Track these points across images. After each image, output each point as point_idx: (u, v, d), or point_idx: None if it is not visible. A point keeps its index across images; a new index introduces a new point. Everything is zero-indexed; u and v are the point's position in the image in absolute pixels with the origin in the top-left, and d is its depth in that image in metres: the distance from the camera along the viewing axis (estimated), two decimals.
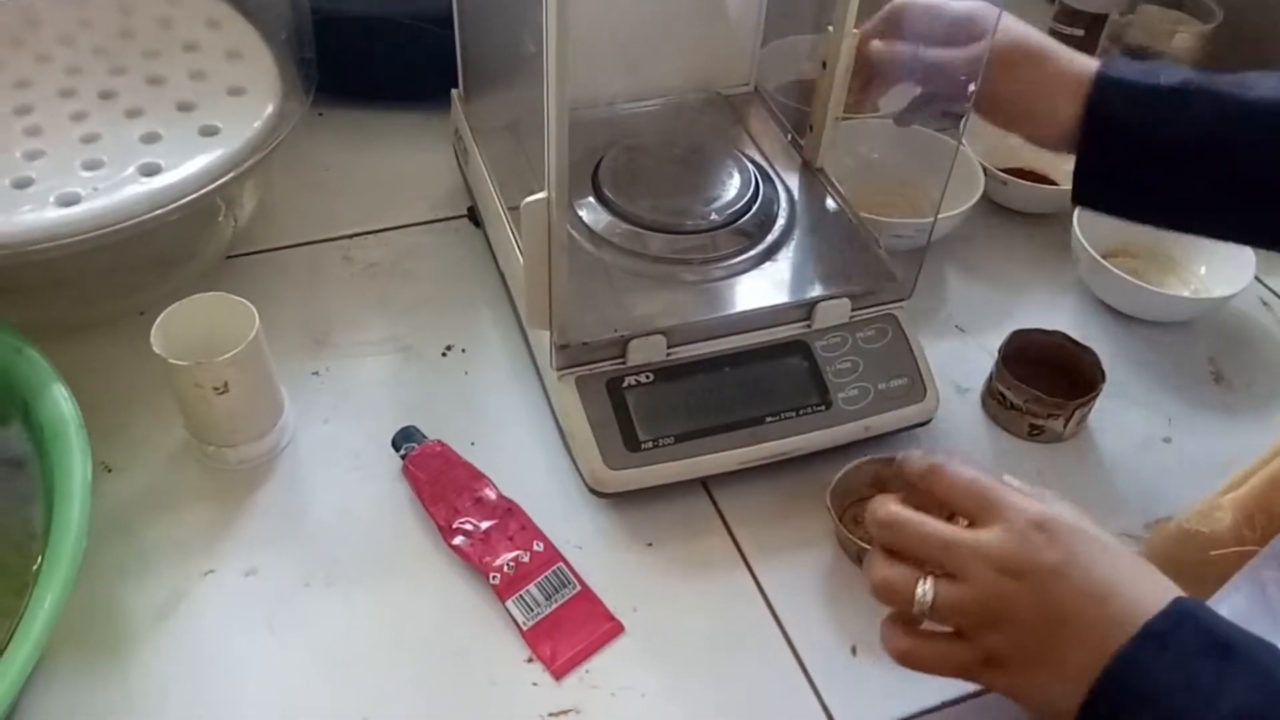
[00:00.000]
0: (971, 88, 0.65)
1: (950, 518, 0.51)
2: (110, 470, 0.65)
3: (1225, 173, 0.61)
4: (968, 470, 0.51)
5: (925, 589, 0.48)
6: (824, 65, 0.71)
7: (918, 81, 0.73)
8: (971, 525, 0.49)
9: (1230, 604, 0.52)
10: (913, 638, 0.50)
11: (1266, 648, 0.44)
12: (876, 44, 0.71)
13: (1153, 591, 0.46)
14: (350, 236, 0.82)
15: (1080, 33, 1.02)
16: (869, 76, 0.72)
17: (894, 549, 0.50)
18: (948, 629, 0.49)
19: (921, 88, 0.74)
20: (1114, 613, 0.46)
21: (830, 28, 0.70)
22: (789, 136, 0.79)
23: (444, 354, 0.74)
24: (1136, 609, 0.45)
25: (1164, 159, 0.62)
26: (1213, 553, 0.56)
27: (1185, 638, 0.45)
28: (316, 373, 0.72)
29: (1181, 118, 0.61)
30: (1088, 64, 0.64)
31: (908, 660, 0.50)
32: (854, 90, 0.73)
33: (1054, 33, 1.04)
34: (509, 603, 0.59)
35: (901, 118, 0.77)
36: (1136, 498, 0.68)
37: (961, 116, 0.75)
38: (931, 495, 0.51)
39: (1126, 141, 0.63)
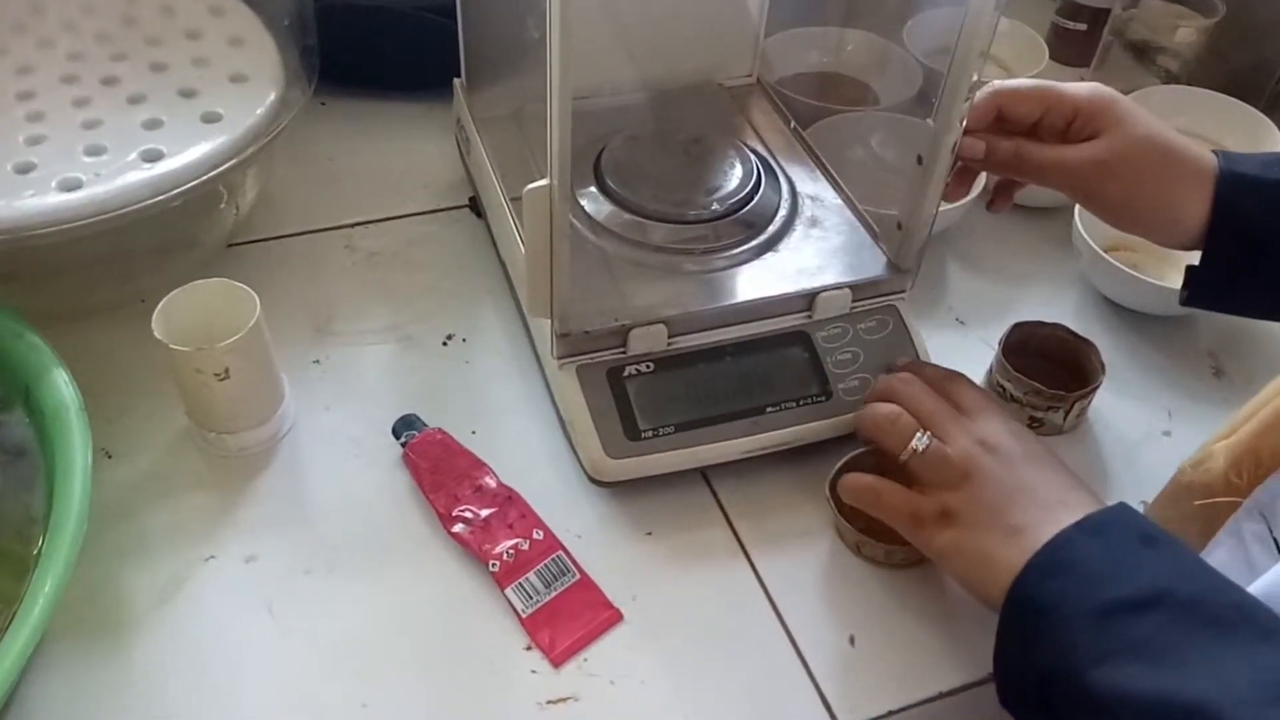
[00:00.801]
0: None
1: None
2: (111, 456, 0.65)
3: None
4: (981, 390, 0.62)
5: (921, 438, 0.58)
6: (919, 160, 0.64)
7: (1019, 176, 0.67)
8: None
9: (1214, 559, 0.53)
10: (886, 482, 0.59)
11: (1190, 549, 0.51)
12: (970, 141, 0.64)
13: (1096, 501, 0.54)
14: (352, 225, 0.82)
15: (1083, 27, 1.02)
16: (962, 170, 0.68)
17: (901, 400, 0.61)
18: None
19: (1024, 181, 0.68)
20: (1059, 499, 0.54)
21: (931, 121, 0.63)
22: (791, 125, 0.79)
23: (445, 343, 0.74)
24: (1081, 505, 0.53)
25: None
26: (1197, 502, 0.57)
27: (1120, 528, 0.51)
28: (317, 361, 0.72)
29: None
30: (1208, 160, 0.61)
31: (870, 494, 0.60)
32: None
33: (1056, 26, 1.04)
34: (508, 590, 0.59)
35: (995, 206, 0.71)
36: (1135, 491, 0.68)
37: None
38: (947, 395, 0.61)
39: (1254, 240, 0.60)
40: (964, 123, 0.61)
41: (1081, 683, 0.46)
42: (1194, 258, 0.63)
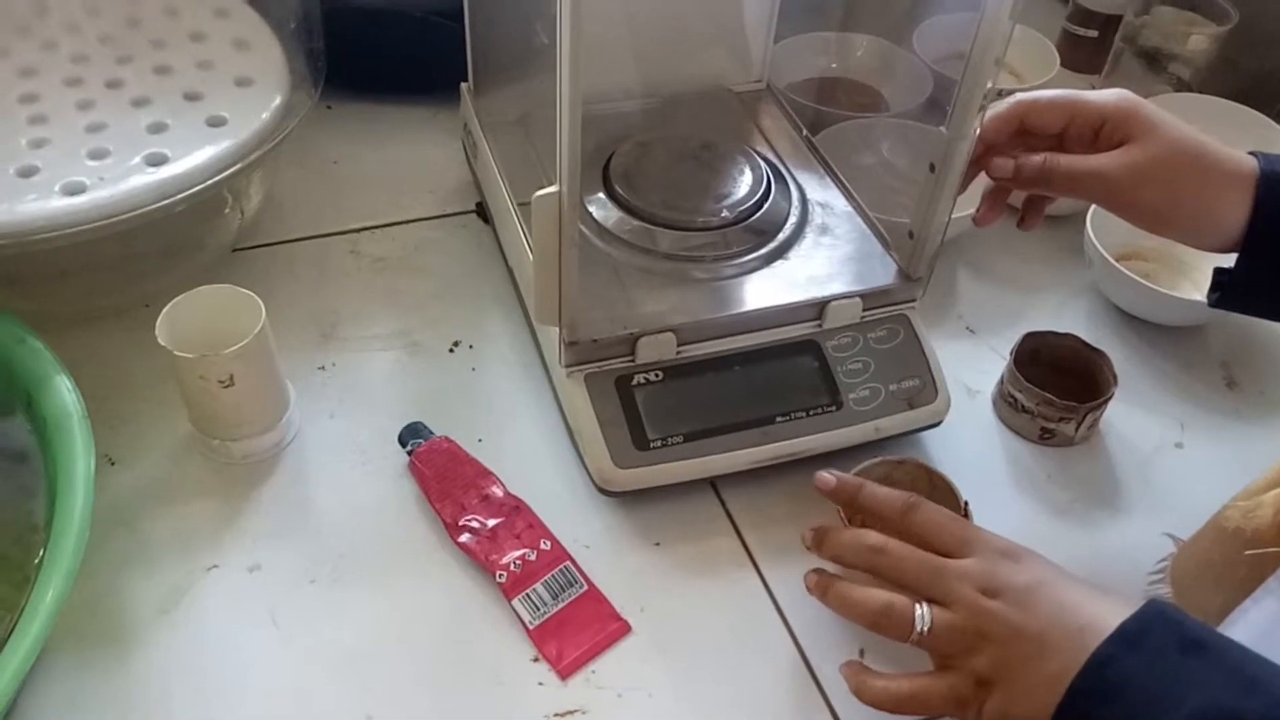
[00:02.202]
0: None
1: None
2: (114, 463, 0.65)
3: None
4: (938, 508, 0.56)
5: (923, 613, 0.52)
6: (931, 169, 0.63)
7: (1049, 190, 0.64)
8: (947, 557, 0.54)
9: (1261, 608, 0.52)
10: (907, 679, 0.53)
11: (1236, 645, 0.47)
12: (1000, 161, 0.62)
13: (1117, 605, 0.49)
14: (358, 230, 0.82)
15: (1094, 34, 1.02)
16: (995, 190, 0.67)
17: (881, 573, 0.54)
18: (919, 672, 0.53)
19: (1049, 194, 0.66)
20: (1086, 620, 0.49)
21: (944, 129, 0.62)
22: (803, 134, 0.78)
23: (451, 349, 0.73)
24: (1108, 616, 0.48)
25: None
26: (1247, 552, 0.55)
27: (1157, 635, 0.47)
28: (323, 367, 0.71)
29: None
30: (1247, 161, 0.60)
31: (913, 702, 0.52)
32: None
33: (1067, 33, 1.03)
34: (515, 601, 0.58)
35: (985, 219, 0.68)
36: (1147, 503, 0.67)
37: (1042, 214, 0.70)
38: (910, 529, 0.55)
39: None
40: (978, 131, 0.60)
41: None
42: (1217, 259, 0.62)
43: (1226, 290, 0.62)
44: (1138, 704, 0.46)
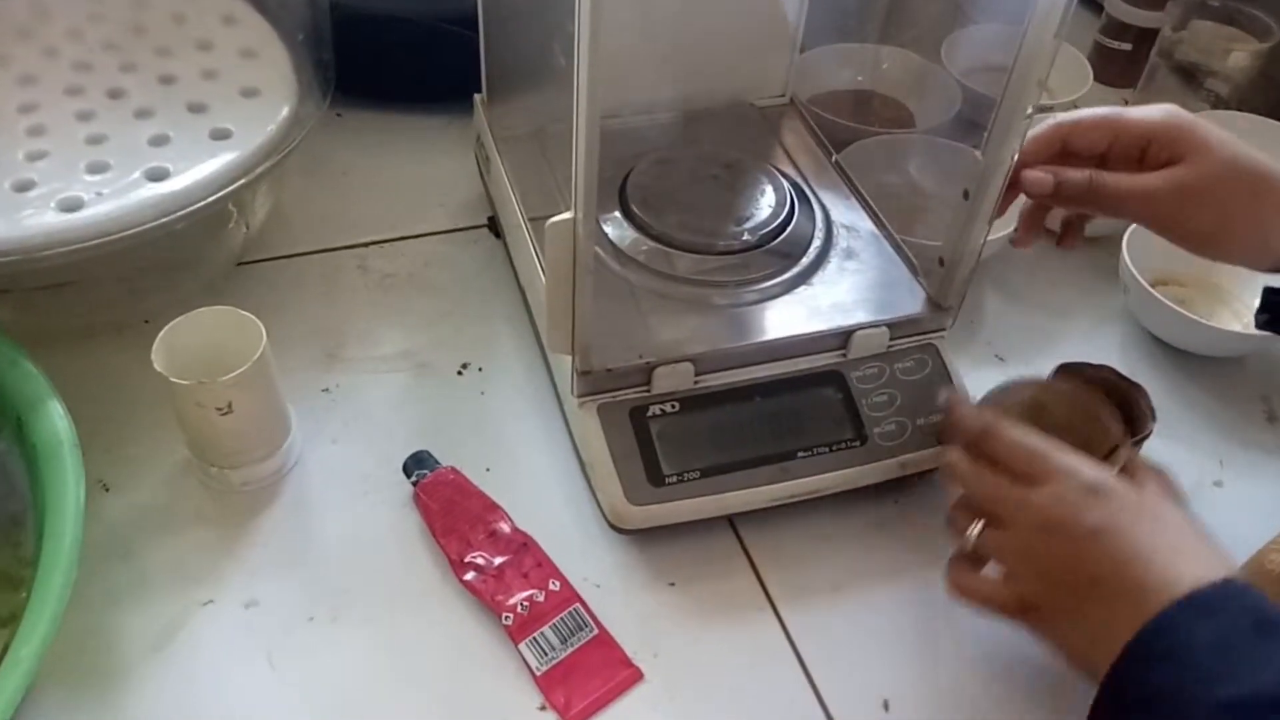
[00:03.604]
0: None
1: None
2: (108, 489, 0.63)
3: None
4: (1019, 433, 0.54)
5: (974, 530, 0.54)
6: (965, 195, 0.60)
7: (1093, 210, 0.63)
8: (1028, 484, 0.52)
9: None
10: (964, 575, 0.55)
11: None
12: (1037, 176, 0.60)
13: (1193, 565, 0.48)
14: (366, 245, 0.79)
15: (1128, 47, 0.99)
16: (1025, 213, 0.65)
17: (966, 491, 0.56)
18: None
19: (1092, 213, 0.65)
20: (1141, 579, 0.47)
21: (978, 152, 0.59)
22: (831, 158, 0.75)
23: (460, 372, 0.71)
24: (1168, 578, 0.47)
25: None
26: None
27: (1230, 609, 0.46)
28: (327, 389, 0.69)
29: None
30: None
31: (957, 591, 0.55)
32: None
33: (1100, 46, 1.00)
34: (522, 645, 0.56)
35: (1022, 240, 0.67)
36: None
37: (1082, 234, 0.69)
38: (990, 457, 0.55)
39: None
40: (1015, 157, 0.58)
41: None
42: (1258, 285, 0.60)
43: (1277, 313, 0.60)
44: (1195, 669, 0.44)
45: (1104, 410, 0.60)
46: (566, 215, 0.52)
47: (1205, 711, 0.43)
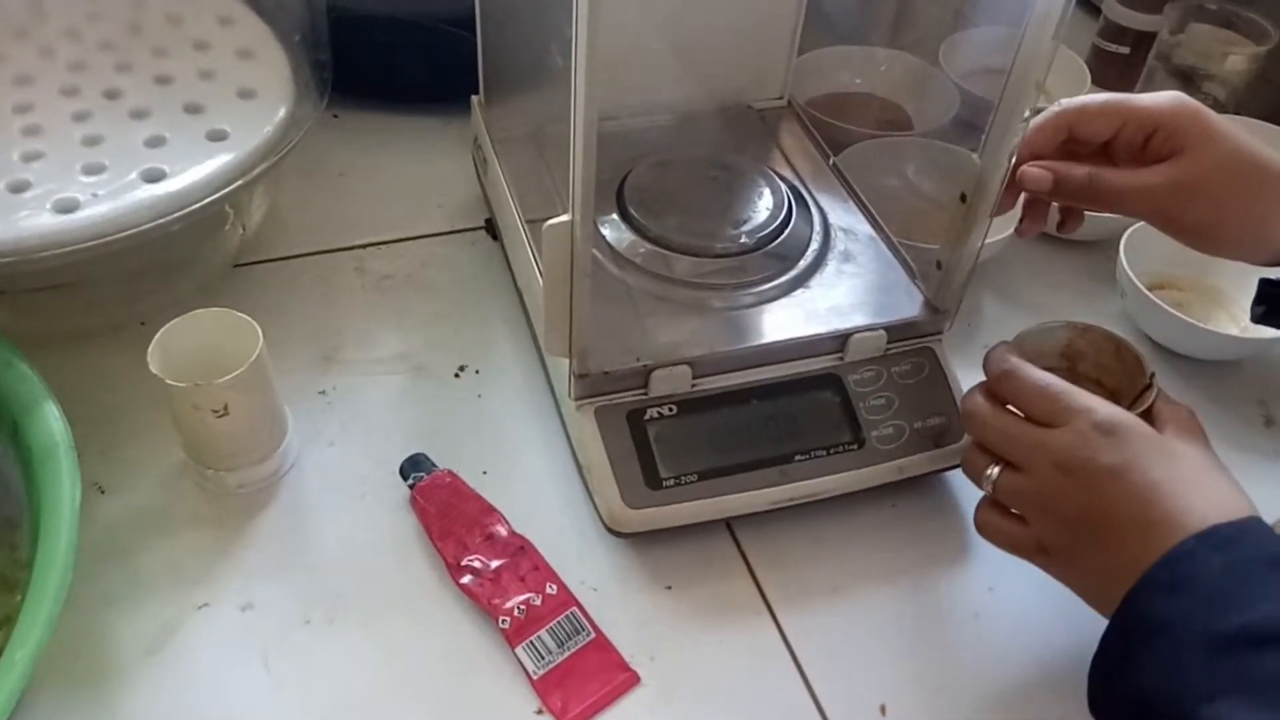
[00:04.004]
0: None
1: None
2: (103, 491, 0.62)
3: None
4: (1038, 375, 0.54)
5: (992, 472, 0.54)
6: (962, 198, 0.60)
7: (1091, 207, 0.63)
8: (1046, 425, 0.52)
9: None
10: (990, 513, 0.55)
11: None
12: (1036, 173, 0.59)
13: (1212, 501, 0.48)
14: (363, 246, 0.79)
15: (1125, 50, 0.98)
16: (1028, 202, 0.64)
17: (978, 440, 0.56)
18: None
19: (1091, 209, 0.64)
20: (1158, 515, 0.47)
21: (976, 156, 0.59)
22: (829, 161, 0.75)
23: (457, 374, 0.71)
24: (1184, 514, 0.47)
25: None
26: None
27: (1248, 545, 0.46)
28: (323, 391, 0.69)
29: None
30: None
31: (982, 530, 0.55)
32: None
33: (1097, 49, 1.00)
34: (519, 649, 0.55)
35: (1026, 230, 0.66)
36: None
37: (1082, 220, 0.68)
38: (1006, 398, 0.55)
39: None
40: (1014, 158, 0.57)
41: (1188, 717, 0.43)
42: (1252, 289, 0.61)
43: (1271, 303, 0.60)
44: (1204, 600, 0.45)
45: (1131, 350, 0.59)
46: (564, 218, 0.52)
47: (1202, 640, 0.44)
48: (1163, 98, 0.59)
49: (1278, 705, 0.41)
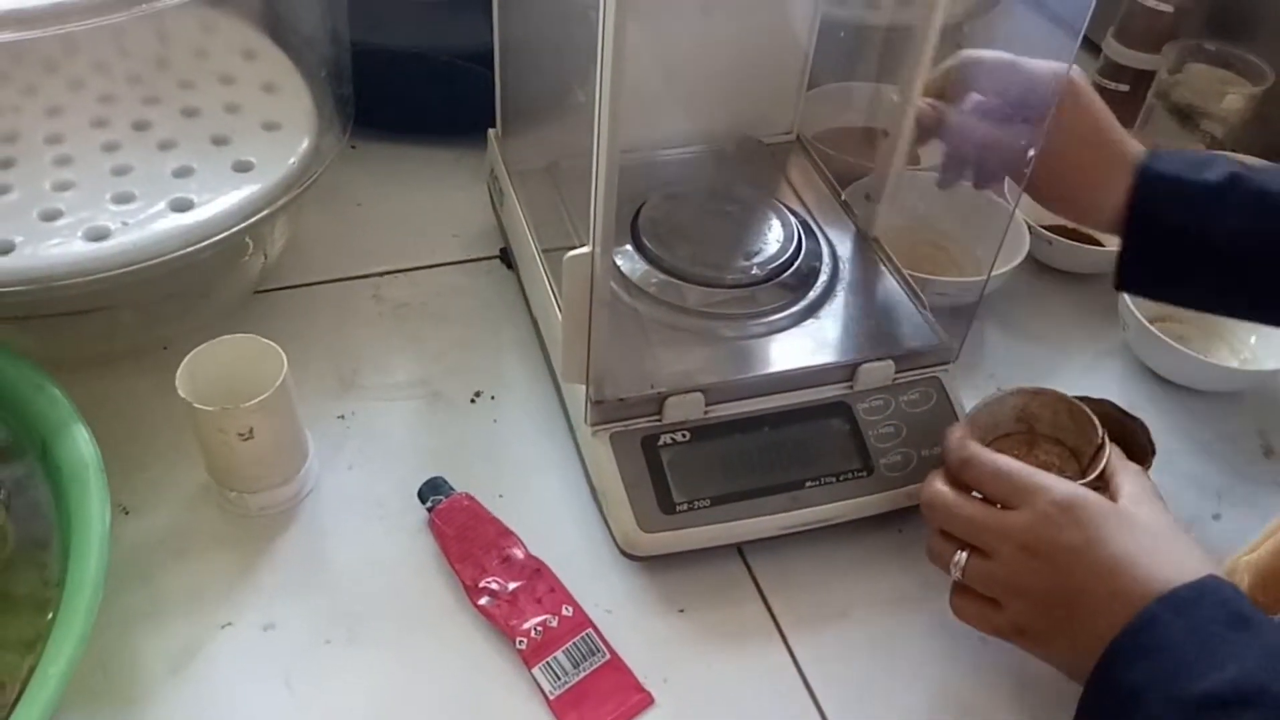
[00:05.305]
0: (1029, 160, 0.63)
1: None
2: (128, 512, 0.64)
3: (1271, 267, 0.60)
4: (997, 460, 0.56)
5: (959, 559, 0.55)
6: (884, 134, 0.67)
7: (972, 147, 0.69)
8: (1006, 507, 0.54)
9: None
10: (964, 598, 0.56)
11: None
12: (926, 106, 0.67)
13: (1172, 564, 0.50)
14: (380, 274, 0.81)
15: (1125, 88, 1.01)
16: (920, 135, 0.70)
17: (942, 527, 0.57)
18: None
19: (975, 151, 0.70)
20: (1124, 586, 0.49)
21: (895, 96, 0.66)
22: (841, 199, 0.77)
23: (473, 400, 0.72)
24: (1148, 583, 0.49)
25: (1208, 254, 0.61)
26: None
27: (1207, 605, 0.48)
28: (342, 416, 0.70)
29: (1225, 214, 0.60)
30: (1136, 151, 0.63)
31: (957, 614, 0.57)
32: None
33: (1098, 87, 1.02)
34: (535, 670, 0.57)
35: (944, 180, 0.74)
36: None
37: (999, 180, 0.74)
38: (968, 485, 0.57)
39: (1170, 236, 0.62)
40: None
41: None
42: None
43: (1120, 274, 0.64)
44: (1171, 666, 0.46)
45: (1082, 411, 0.62)
46: (584, 249, 0.54)
47: (1173, 707, 0.45)
48: (1048, 65, 0.63)
49: None
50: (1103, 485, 0.58)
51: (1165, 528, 0.53)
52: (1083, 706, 0.50)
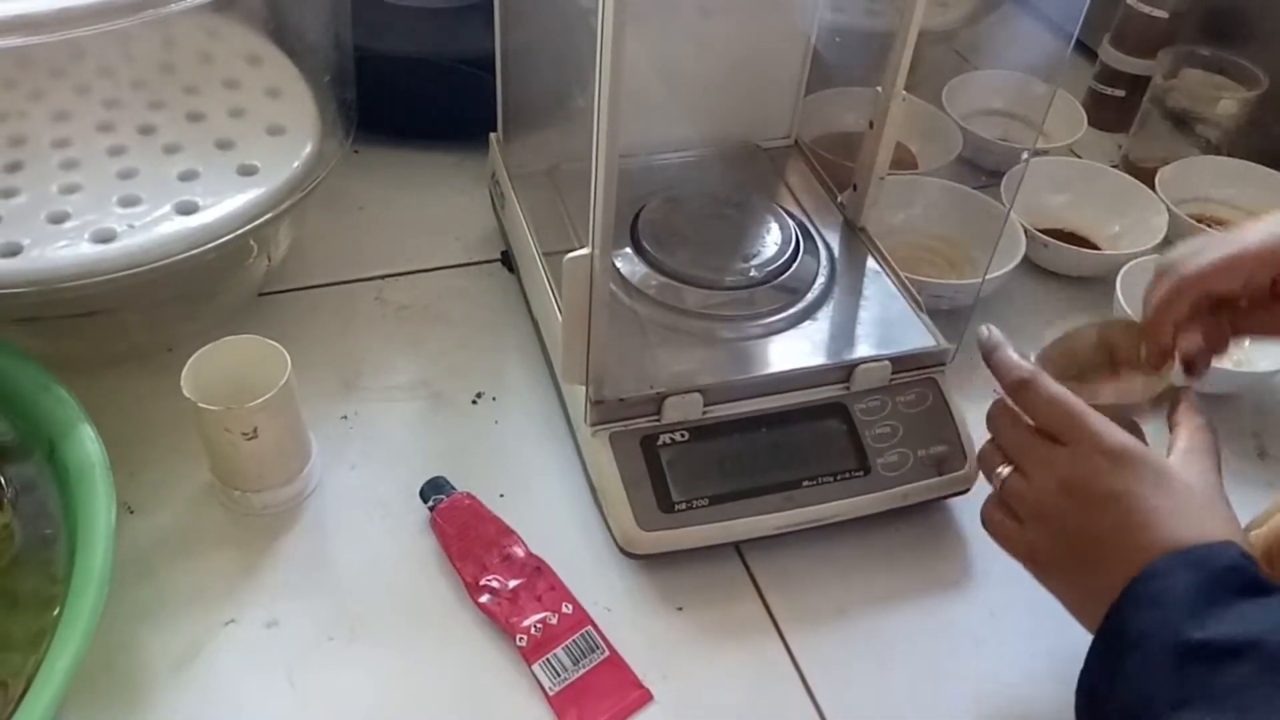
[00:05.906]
0: None
1: None
2: (132, 511, 0.64)
3: None
4: (1054, 390, 0.55)
5: (1002, 471, 0.56)
6: (870, 125, 0.69)
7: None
8: (1057, 441, 0.54)
9: None
10: (996, 509, 0.56)
11: None
12: (1189, 343, 0.59)
13: (1196, 529, 0.49)
14: (383, 277, 0.82)
15: (1121, 93, 1.02)
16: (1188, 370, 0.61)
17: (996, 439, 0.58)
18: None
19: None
20: (1146, 542, 0.49)
21: (879, 88, 0.68)
22: (838, 201, 0.78)
23: (474, 401, 0.73)
24: (1170, 542, 0.49)
25: None
26: None
27: (1218, 565, 0.47)
28: (345, 416, 0.71)
29: None
30: None
31: (986, 522, 0.57)
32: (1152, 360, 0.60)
33: (1094, 92, 1.03)
34: (535, 666, 0.57)
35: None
36: None
37: None
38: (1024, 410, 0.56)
39: None
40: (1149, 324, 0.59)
41: None
42: None
43: None
44: (1175, 610, 0.46)
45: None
46: (584, 251, 0.55)
47: (1170, 652, 0.45)
48: (1271, 237, 0.58)
49: (1236, 716, 0.43)
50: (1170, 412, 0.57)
51: (1205, 490, 0.53)
52: (1092, 653, 0.50)
